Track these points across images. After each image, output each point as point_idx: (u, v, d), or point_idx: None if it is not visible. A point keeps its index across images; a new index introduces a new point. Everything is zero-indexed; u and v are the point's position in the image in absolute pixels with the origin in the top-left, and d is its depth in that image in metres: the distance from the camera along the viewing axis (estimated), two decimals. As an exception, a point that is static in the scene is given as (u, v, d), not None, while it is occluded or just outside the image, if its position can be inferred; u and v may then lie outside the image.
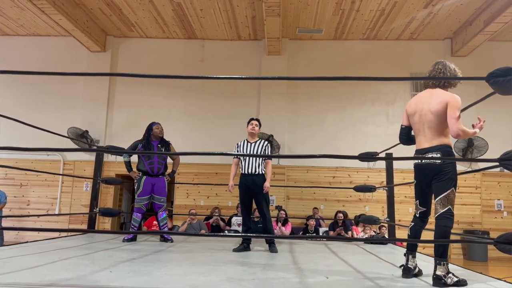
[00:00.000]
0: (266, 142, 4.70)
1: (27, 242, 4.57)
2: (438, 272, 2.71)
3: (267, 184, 4.50)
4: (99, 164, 5.70)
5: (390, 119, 9.72)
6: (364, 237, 7.18)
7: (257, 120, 4.76)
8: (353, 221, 8.11)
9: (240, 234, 3.88)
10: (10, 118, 3.99)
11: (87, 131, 9.43)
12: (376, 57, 9.94)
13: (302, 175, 9.55)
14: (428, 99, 2.93)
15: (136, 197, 5.07)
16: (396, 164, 6.19)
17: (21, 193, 9.75)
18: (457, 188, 2.90)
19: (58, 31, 9.81)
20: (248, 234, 4.95)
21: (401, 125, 3.18)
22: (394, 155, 5.49)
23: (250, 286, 2.50)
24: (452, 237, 3.18)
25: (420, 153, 2.92)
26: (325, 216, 9.04)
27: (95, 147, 9.02)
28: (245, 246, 4.42)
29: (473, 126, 3.03)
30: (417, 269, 3.02)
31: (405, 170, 9.13)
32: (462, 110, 3.33)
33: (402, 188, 8.90)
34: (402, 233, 8.80)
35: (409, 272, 2.95)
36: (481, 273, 3.30)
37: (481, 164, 7.05)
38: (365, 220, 5.59)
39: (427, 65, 3.22)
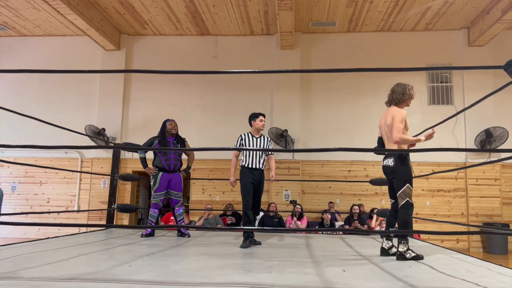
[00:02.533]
0: (269, 138, 4.75)
1: (48, 238, 4.68)
2: (400, 249, 3.46)
3: (273, 173, 4.62)
4: (116, 161, 5.79)
5: (406, 112, 9.58)
6: (380, 230, 7.12)
7: (265, 115, 4.79)
8: (370, 214, 8.06)
9: (255, 227, 3.92)
10: (29, 116, 4.08)
11: (103, 129, 9.57)
12: (390, 49, 9.81)
13: (317, 170, 9.52)
14: (386, 115, 3.74)
15: (152, 193, 5.11)
16: (412, 157, 6.13)
17: (41, 191, 9.96)
18: (412, 184, 3.57)
19: (74, 30, 9.95)
20: (260, 227, 4.95)
21: (378, 136, 4.00)
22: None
23: (268, 280, 2.51)
24: (472, 229, 3.21)
25: (386, 156, 3.75)
26: (341, 211, 9.00)
27: (111, 145, 9.16)
28: (250, 240, 4.31)
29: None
30: (393, 249, 3.69)
31: (421, 163, 9.04)
32: (481, 100, 3.31)
33: (419, 181, 8.81)
34: (418, 226, 8.75)
35: (383, 252, 3.73)
36: (500, 265, 3.25)
37: (503, 154, 6.92)
38: (382, 213, 5.55)
39: (444, 56, 3.22)
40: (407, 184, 3.51)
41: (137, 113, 10.05)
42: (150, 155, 5.37)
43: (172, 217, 7.06)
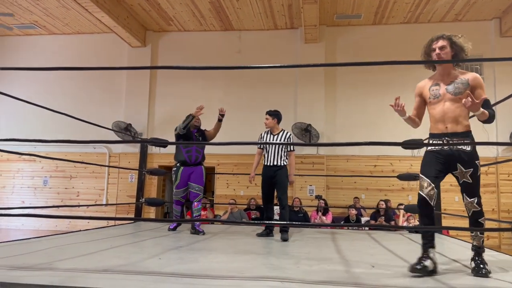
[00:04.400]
0: (289, 134, 4.73)
1: (79, 230, 4.82)
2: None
3: (291, 178, 4.63)
4: (143, 156, 5.89)
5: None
6: (407, 226, 7.01)
7: (269, 112, 4.76)
8: (396, 210, 7.94)
9: (278, 221, 3.96)
10: (60, 112, 4.19)
11: (130, 125, 9.75)
12: (418, 42, 9.47)
13: (342, 165, 9.43)
14: None
15: (174, 189, 4.97)
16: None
17: (71, 185, 10.26)
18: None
19: (101, 28, 10.16)
20: (287, 222, 4.95)
21: None
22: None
23: (295, 275, 2.52)
24: (503, 226, 3.11)
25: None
26: (367, 206, 8.90)
27: (139, 140, 9.34)
28: (268, 232, 4.60)
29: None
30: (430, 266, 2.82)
31: (450, 158, 8.81)
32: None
33: (447, 176, 8.61)
34: (447, 222, 8.55)
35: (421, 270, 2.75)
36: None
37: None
38: (410, 209, 5.46)
39: (474, 47, 3.12)
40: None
41: (163, 108, 10.19)
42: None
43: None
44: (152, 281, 2.20)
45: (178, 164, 4.94)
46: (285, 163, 4.63)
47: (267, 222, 4.74)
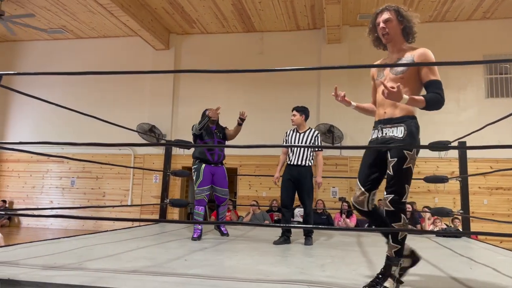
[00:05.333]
0: (316, 132, 4.41)
1: (106, 230, 4.92)
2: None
3: (318, 179, 4.32)
4: (168, 158, 5.96)
5: (462, 105, 9.16)
6: (434, 230, 6.86)
7: (297, 108, 4.45)
8: (421, 213, 7.78)
9: (302, 225, 3.81)
10: (88, 115, 4.28)
11: (154, 126, 9.90)
12: (444, 40, 9.37)
13: (366, 166, 9.28)
14: None
15: (196, 188, 4.59)
16: (468, 153, 5.84)
17: (97, 185, 10.48)
18: None
19: (126, 31, 10.35)
20: (311, 226, 4.89)
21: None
22: (467, 143, 5.19)
23: (322, 278, 2.50)
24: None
25: None
26: (391, 208, 8.75)
27: (163, 141, 9.46)
28: (285, 238, 4.19)
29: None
30: None
31: (478, 159, 8.58)
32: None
33: (475, 178, 8.39)
34: (475, 226, 8.32)
35: None
36: None
37: None
38: (437, 212, 5.34)
39: (503, 46, 3.00)
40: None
41: (186, 110, 10.29)
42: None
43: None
44: (179, 283, 2.23)
45: (198, 162, 4.64)
46: (310, 164, 4.31)
47: (290, 226, 4.52)
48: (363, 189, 2.43)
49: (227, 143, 4.88)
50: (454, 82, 9.30)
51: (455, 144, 5.28)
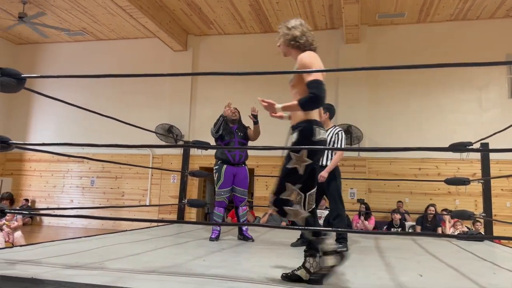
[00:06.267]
0: (338, 129, 4.14)
1: (125, 230, 4.98)
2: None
3: (323, 173, 3.92)
4: (186, 158, 6.00)
5: (484, 106, 8.96)
6: (454, 233, 6.73)
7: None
8: (441, 215, 7.64)
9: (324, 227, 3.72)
10: (107, 116, 4.35)
11: (172, 127, 9.99)
12: (465, 39, 9.17)
13: (384, 167, 9.18)
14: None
15: (217, 189, 4.49)
16: (491, 154, 5.71)
17: (116, 185, 10.63)
18: None
19: (144, 33, 10.46)
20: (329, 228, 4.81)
21: (322, 81, 2.46)
22: (490, 145, 5.07)
23: (340, 282, 2.47)
24: None
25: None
26: (411, 210, 8.62)
27: (181, 142, 9.55)
28: (303, 241, 3.96)
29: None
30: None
31: (500, 161, 8.37)
32: None
33: (498, 180, 8.18)
34: (498, 229, 8.12)
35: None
36: None
37: None
38: (458, 215, 5.22)
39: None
40: None
41: (204, 110, 10.34)
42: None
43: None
44: (197, 284, 2.24)
45: (220, 162, 4.54)
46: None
47: (302, 228, 4.32)
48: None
49: (250, 143, 4.76)
50: (475, 82, 9.11)
51: (477, 145, 5.16)
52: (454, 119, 9.06)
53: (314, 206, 2.57)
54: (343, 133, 4.14)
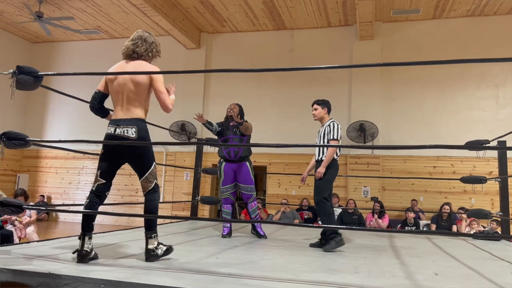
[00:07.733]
0: (331, 121, 4.01)
1: (139, 226, 5.02)
2: (149, 246, 2.74)
3: (320, 169, 3.79)
4: (199, 156, 6.03)
5: (501, 103, 8.79)
6: (470, 232, 6.63)
7: (317, 102, 4.23)
8: (456, 214, 7.53)
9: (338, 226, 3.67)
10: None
11: (185, 124, 10.04)
12: (482, 35, 9.00)
13: (399, 165, 9.09)
14: (132, 70, 3.04)
15: (220, 186, 4.67)
16: (508, 152, 5.60)
17: (130, 182, 10.73)
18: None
19: (158, 31, 10.50)
20: (341, 226, 4.80)
21: (97, 90, 3.17)
22: (507, 143, 4.97)
23: (355, 281, 2.46)
24: None
25: (118, 124, 2.98)
26: (425, 209, 8.52)
27: (194, 140, 9.59)
28: (321, 243, 3.80)
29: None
30: (93, 253, 2.71)
31: (518, 159, 8.21)
32: None
33: (515, 179, 8.02)
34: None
35: (85, 257, 2.61)
36: None
37: None
38: (474, 213, 5.15)
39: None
40: (154, 163, 2.96)
41: (217, 108, 10.35)
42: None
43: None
44: (211, 281, 2.24)
45: (220, 160, 4.68)
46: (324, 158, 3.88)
47: (316, 226, 4.21)
48: None
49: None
50: (491, 79, 8.94)
51: (494, 143, 5.07)
52: (469, 116, 8.90)
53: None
54: (336, 124, 4.01)
